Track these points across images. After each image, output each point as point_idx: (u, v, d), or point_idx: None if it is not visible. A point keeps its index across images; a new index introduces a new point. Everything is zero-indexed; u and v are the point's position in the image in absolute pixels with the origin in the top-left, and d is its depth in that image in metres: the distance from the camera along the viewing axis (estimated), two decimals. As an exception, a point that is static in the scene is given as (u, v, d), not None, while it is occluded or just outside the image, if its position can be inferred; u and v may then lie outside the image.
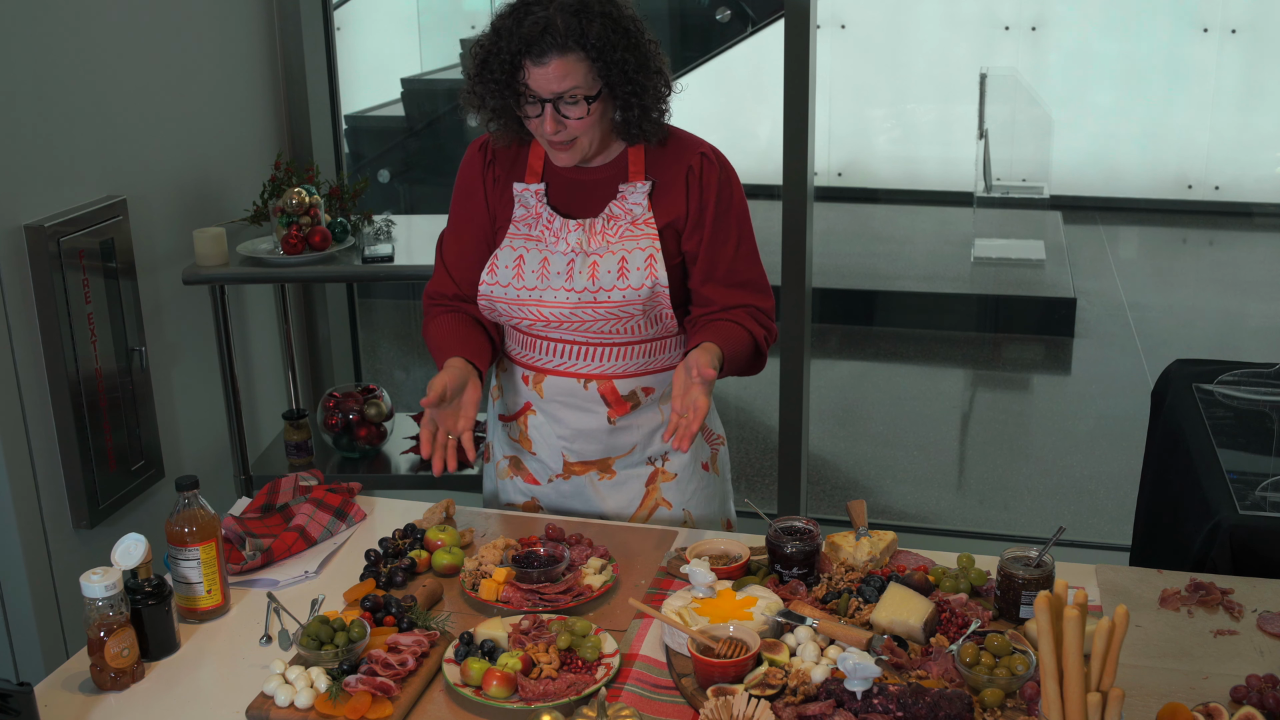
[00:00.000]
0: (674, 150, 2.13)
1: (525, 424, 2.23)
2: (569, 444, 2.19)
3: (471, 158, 2.21)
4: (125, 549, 1.80)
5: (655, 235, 2.09)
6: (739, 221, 2.14)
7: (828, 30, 7.89)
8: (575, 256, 2.09)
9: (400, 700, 1.63)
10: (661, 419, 2.20)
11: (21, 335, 2.67)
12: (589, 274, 2.08)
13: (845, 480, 4.76)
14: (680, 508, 2.25)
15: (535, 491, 2.27)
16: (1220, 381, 2.83)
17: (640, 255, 2.08)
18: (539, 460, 2.24)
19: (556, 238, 2.11)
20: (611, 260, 2.08)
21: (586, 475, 2.21)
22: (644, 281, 2.07)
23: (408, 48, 6.83)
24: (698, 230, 2.12)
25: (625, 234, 2.09)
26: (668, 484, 2.23)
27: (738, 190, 2.15)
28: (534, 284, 2.11)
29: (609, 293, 2.07)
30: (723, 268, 2.13)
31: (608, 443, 2.19)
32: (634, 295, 2.08)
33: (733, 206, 2.13)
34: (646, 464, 2.22)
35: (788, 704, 1.58)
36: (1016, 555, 1.81)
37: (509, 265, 2.12)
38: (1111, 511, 4.33)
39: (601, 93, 1.99)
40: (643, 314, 2.10)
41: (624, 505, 2.23)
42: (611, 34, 1.96)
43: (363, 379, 4.22)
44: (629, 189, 2.11)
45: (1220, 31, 7.50)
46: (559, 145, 2.05)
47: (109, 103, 2.92)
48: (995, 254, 6.92)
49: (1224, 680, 1.66)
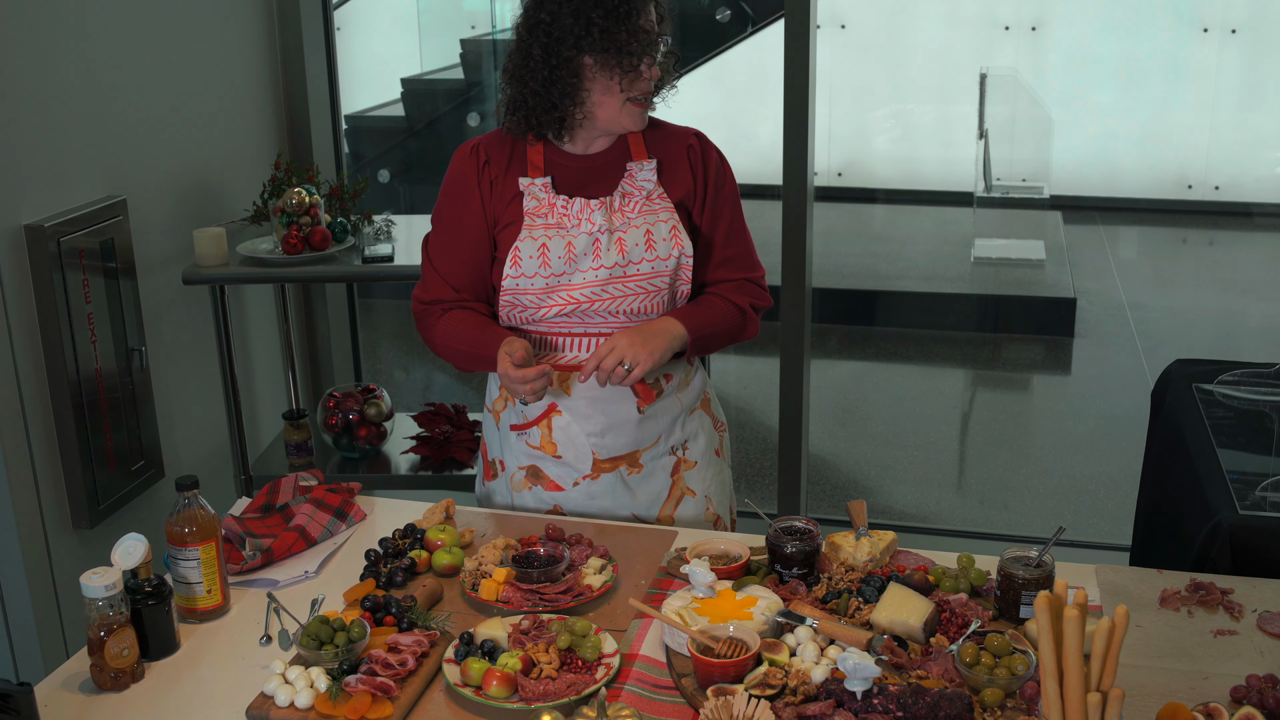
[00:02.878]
0: (669, 134, 2.23)
1: (549, 428, 2.20)
2: (599, 439, 2.19)
3: (463, 162, 2.19)
4: (125, 549, 1.80)
5: (672, 208, 2.17)
6: (731, 199, 2.25)
7: (828, 30, 7.89)
8: (600, 235, 2.13)
9: (400, 700, 1.63)
10: (680, 407, 2.24)
11: (21, 335, 2.67)
12: (618, 249, 2.12)
13: (845, 480, 4.76)
14: (702, 495, 2.28)
15: (559, 498, 2.23)
16: (1220, 381, 2.83)
17: (664, 227, 2.15)
18: (564, 464, 2.21)
19: (578, 220, 2.13)
20: (637, 234, 2.14)
21: (616, 472, 2.21)
22: (671, 251, 2.15)
23: (408, 48, 6.83)
24: (704, 207, 2.22)
25: (644, 209, 2.16)
26: (690, 472, 2.27)
27: (728, 170, 2.27)
28: (561, 269, 2.12)
29: (638, 265, 2.13)
30: (718, 243, 2.23)
31: (636, 435, 2.20)
32: (663, 266, 2.14)
33: (725, 184, 2.25)
34: (670, 454, 2.25)
35: (788, 704, 1.58)
36: (1016, 555, 1.81)
37: (533, 255, 2.12)
38: (1111, 511, 4.33)
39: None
40: (668, 288, 2.16)
41: (653, 498, 2.24)
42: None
43: (363, 379, 4.22)
44: (636, 167, 2.17)
45: (1220, 31, 7.50)
46: (645, 103, 2.12)
47: (109, 103, 2.92)
48: (995, 254, 6.92)
49: (1224, 680, 1.66)
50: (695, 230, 2.22)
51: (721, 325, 2.20)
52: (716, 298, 2.23)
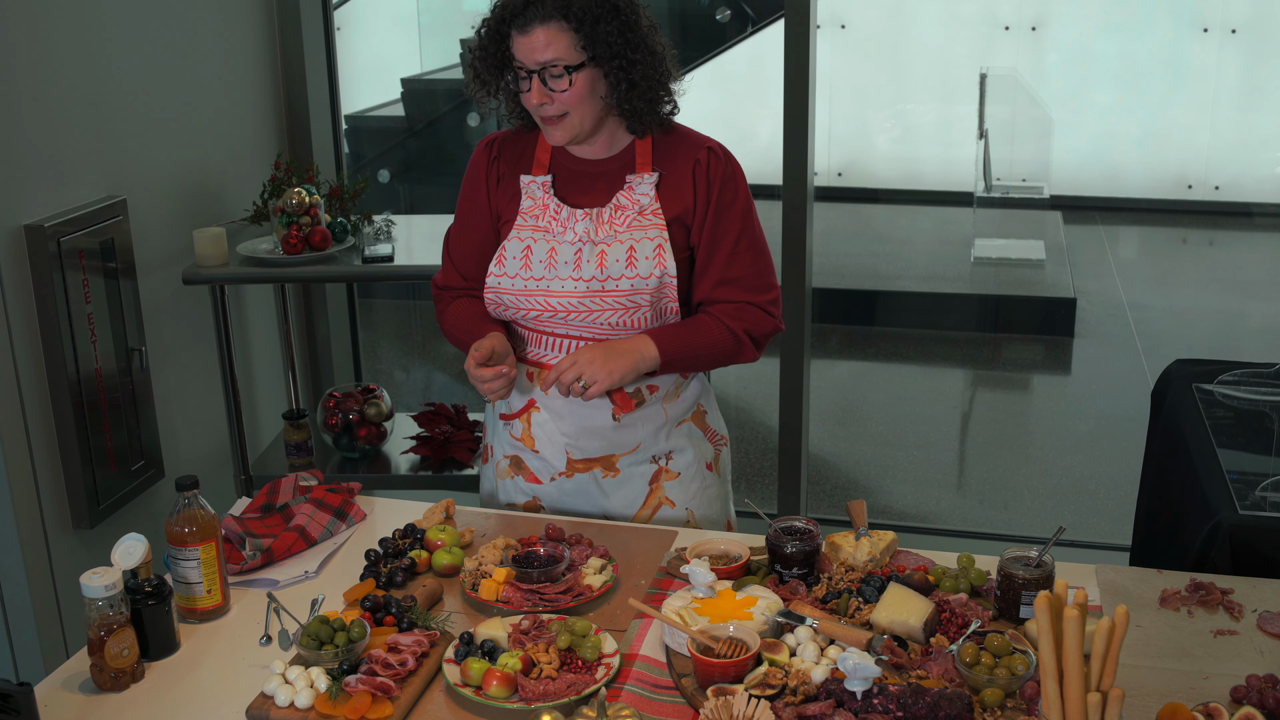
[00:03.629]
0: (681, 144, 2.15)
1: (528, 422, 2.23)
2: (573, 441, 2.19)
3: (478, 155, 2.24)
4: (125, 549, 1.80)
5: (664, 226, 2.11)
6: (742, 217, 2.15)
7: (828, 30, 7.89)
8: (583, 245, 2.11)
9: (400, 700, 1.63)
10: (666, 417, 2.21)
11: (21, 335, 2.67)
12: (597, 263, 2.09)
13: (845, 480, 4.76)
14: (683, 507, 2.25)
15: (537, 490, 2.26)
16: (1220, 381, 2.83)
17: (649, 245, 2.10)
18: (542, 458, 2.23)
19: (564, 227, 2.12)
20: (620, 249, 2.10)
21: (590, 473, 2.21)
22: (653, 271, 2.09)
23: (408, 48, 6.83)
24: (704, 225, 2.14)
25: (633, 223, 2.11)
26: (671, 483, 2.23)
27: (742, 186, 2.16)
28: (541, 274, 2.12)
29: (617, 281, 2.09)
30: (719, 263, 2.15)
31: (612, 439, 2.19)
32: (642, 284, 2.09)
33: (736, 202, 2.14)
34: (650, 462, 2.22)
35: (788, 704, 1.58)
36: (1016, 555, 1.81)
37: (516, 256, 2.13)
38: (1111, 511, 4.33)
39: (585, 65, 2.01)
40: (650, 305, 2.11)
41: (627, 504, 2.23)
42: (597, 6, 1.98)
43: (363, 379, 4.22)
44: (636, 179, 2.13)
45: (1220, 31, 7.49)
46: (550, 120, 2.06)
47: (109, 103, 2.92)
48: (995, 254, 6.92)
49: (1224, 680, 1.66)
50: (694, 247, 2.16)
51: (705, 349, 2.14)
52: (709, 318, 2.15)
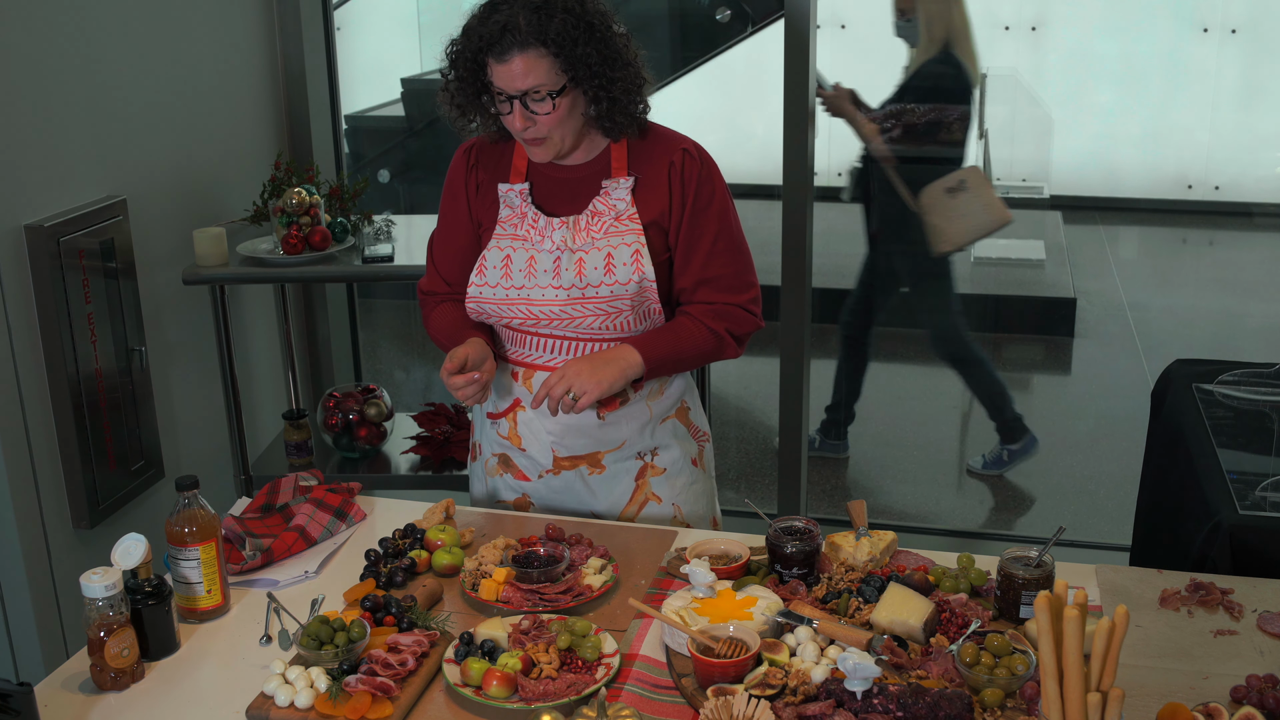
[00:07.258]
0: (656, 147, 2.14)
1: (515, 420, 2.24)
2: (558, 439, 2.20)
3: (457, 162, 2.24)
4: (125, 549, 1.80)
5: (640, 230, 2.11)
6: (719, 217, 2.15)
7: (828, 30, 7.88)
8: (561, 254, 2.11)
9: (400, 700, 1.63)
10: (650, 415, 2.22)
11: (21, 335, 2.67)
12: (576, 270, 2.09)
13: (845, 480, 4.76)
14: (670, 502, 2.26)
15: (526, 488, 2.27)
16: (1220, 381, 2.83)
17: (626, 250, 2.10)
18: (529, 456, 2.24)
19: (542, 236, 2.12)
20: (597, 256, 2.10)
21: (576, 470, 2.22)
22: (631, 276, 2.09)
23: (408, 48, 6.82)
24: (680, 227, 2.13)
25: (610, 229, 2.11)
26: (657, 479, 2.25)
27: (719, 186, 2.16)
28: (522, 283, 2.12)
29: (596, 288, 2.09)
30: (696, 263, 2.15)
31: (597, 437, 2.20)
32: (622, 290, 2.10)
33: (713, 203, 2.14)
34: (636, 459, 2.23)
35: (788, 704, 1.58)
36: (1016, 555, 1.81)
37: (497, 265, 2.14)
38: (1111, 511, 4.33)
39: (566, 88, 2.00)
40: (632, 309, 2.12)
41: (614, 501, 2.24)
42: (573, 29, 1.97)
43: (363, 379, 4.22)
44: (612, 185, 2.12)
45: (1220, 31, 7.49)
46: (532, 141, 2.07)
47: (109, 103, 2.92)
48: (995, 254, 6.91)
49: (1224, 680, 1.66)
50: (672, 249, 2.16)
51: (689, 351, 2.15)
52: (690, 321, 2.16)
